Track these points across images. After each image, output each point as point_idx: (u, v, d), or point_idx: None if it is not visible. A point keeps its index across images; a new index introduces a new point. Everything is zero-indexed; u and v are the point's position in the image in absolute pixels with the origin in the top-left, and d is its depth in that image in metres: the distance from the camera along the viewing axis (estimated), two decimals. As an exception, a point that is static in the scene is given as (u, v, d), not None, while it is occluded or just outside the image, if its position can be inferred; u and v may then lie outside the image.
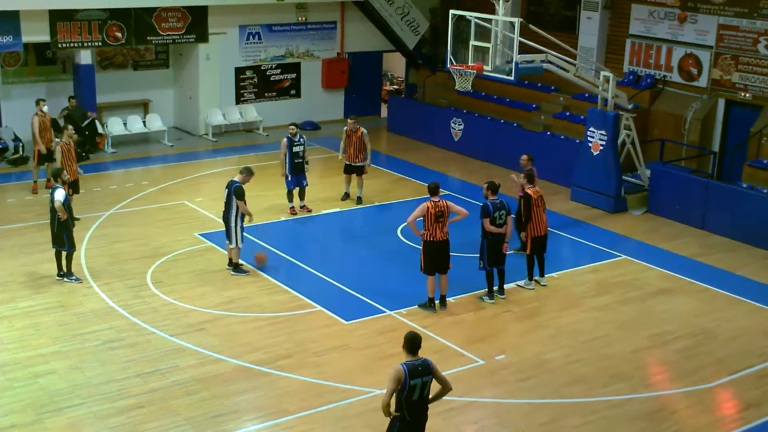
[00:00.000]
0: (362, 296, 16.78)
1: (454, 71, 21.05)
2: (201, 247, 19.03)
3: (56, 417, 12.43)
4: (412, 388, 9.98)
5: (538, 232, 17.07)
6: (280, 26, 29.62)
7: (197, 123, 28.65)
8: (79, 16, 25.20)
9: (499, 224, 16.14)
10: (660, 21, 24.93)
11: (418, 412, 10.18)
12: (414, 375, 9.96)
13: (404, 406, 10.06)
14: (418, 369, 10.00)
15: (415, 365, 10.02)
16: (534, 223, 17.02)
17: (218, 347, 14.60)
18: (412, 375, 9.95)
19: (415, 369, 10.00)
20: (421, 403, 10.17)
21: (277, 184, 23.61)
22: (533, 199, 16.97)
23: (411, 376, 9.94)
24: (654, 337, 15.48)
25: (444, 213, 16.01)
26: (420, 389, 10.05)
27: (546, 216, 17.38)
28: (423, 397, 10.15)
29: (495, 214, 16.08)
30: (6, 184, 23.21)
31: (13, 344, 14.50)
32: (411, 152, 27.28)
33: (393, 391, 9.99)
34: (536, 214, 17.04)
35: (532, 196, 16.99)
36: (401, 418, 10.13)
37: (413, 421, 10.18)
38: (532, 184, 17.30)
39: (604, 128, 21.99)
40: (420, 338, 10.24)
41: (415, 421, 10.22)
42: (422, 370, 10.04)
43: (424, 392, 10.15)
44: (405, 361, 10.07)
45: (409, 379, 9.93)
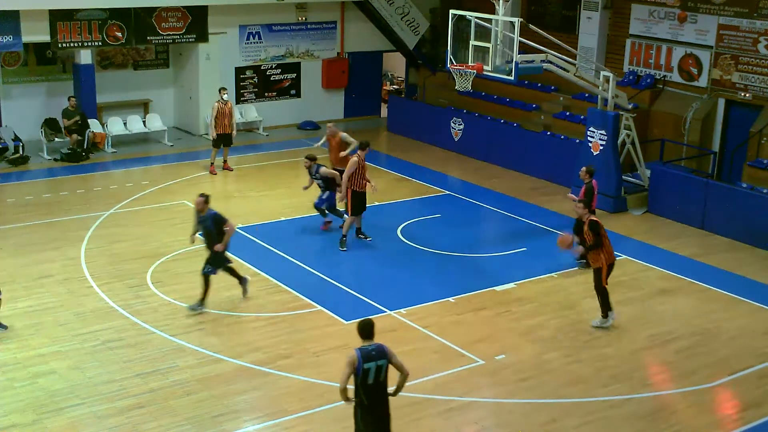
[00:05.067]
0: (362, 296, 16.78)
1: (454, 71, 21.04)
2: (201, 247, 18.96)
3: (56, 417, 12.43)
4: (366, 372, 10.22)
5: (611, 258, 15.42)
6: (280, 26, 29.63)
7: (197, 123, 28.65)
8: (79, 15, 25.20)
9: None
10: (660, 21, 24.93)
11: (375, 396, 10.41)
12: (367, 359, 10.22)
13: (361, 391, 10.33)
14: (371, 353, 10.26)
15: (368, 350, 10.29)
16: (607, 249, 15.33)
17: (218, 347, 14.60)
18: (366, 359, 10.21)
19: (368, 353, 10.26)
20: (378, 387, 10.37)
21: (278, 184, 23.65)
22: (601, 225, 15.37)
23: (364, 360, 10.20)
24: (654, 337, 15.48)
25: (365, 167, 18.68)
26: (375, 373, 10.28)
27: None
28: (379, 381, 10.37)
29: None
30: (6, 184, 23.21)
31: (13, 344, 14.50)
32: (411, 152, 27.28)
33: (347, 376, 10.25)
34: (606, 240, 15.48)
35: (599, 222, 15.39)
36: (359, 403, 10.41)
37: (372, 405, 10.42)
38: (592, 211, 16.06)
39: (604, 128, 21.99)
40: (372, 324, 10.53)
41: (374, 406, 10.44)
42: (376, 355, 10.28)
43: (380, 376, 10.35)
44: (360, 347, 10.34)
45: (363, 363, 10.18)
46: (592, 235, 15.18)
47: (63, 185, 23.08)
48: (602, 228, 15.27)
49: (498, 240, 20.45)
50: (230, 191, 22.63)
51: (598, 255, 15.27)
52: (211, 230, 15.80)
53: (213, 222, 15.74)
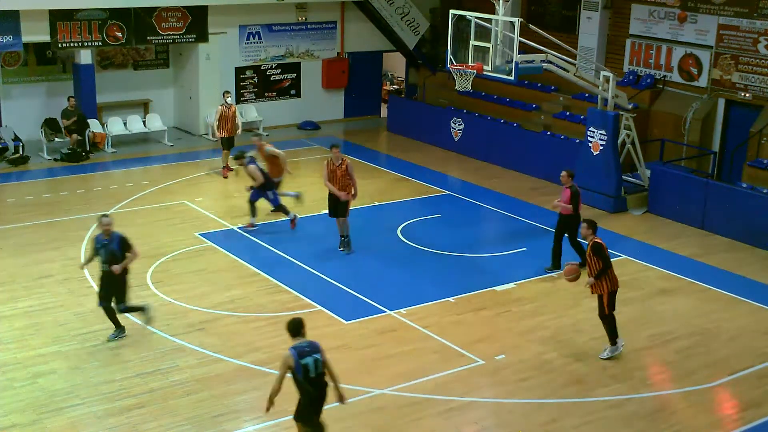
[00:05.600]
0: (362, 296, 16.78)
1: (454, 71, 21.04)
2: (201, 246, 19.03)
3: (56, 417, 12.43)
4: (305, 367, 10.60)
5: (615, 285, 14.45)
6: (280, 26, 29.63)
7: (197, 123, 28.65)
8: (79, 15, 25.20)
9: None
10: (660, 21, 24.92)
11: (320, 386, 10.83)
12: (303, 355, 10.60)
13: (306, 384, 10.68)
14: (305, 350, 10.65)
15: (302, 347, 10.67)
16: (611, 274, 14.34)
17: (218, 347, 14.60)
18: (301, 355, 10.59)
19: (303, 350, 10.64)
20: (320, 378, 10.78)
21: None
22: (605, 246, 14.43)
23: (300, 356, 10.58)
24: (654, 337, 15.48)
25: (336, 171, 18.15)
26: (314, 366, 10.67)
27: None
28: (319, 373, 10.76)
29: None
30: (6, 184, 23.21)
31: (13, 344, 14.50)
32: (411, 152, 27.27)
33: (283, 376, 10.62)
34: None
35: (603, 244, 14.39)
36: (306, 393, 10.75)
37: (320, 395, 10.88)
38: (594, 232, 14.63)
39: (604, 128, 21.98)
40: (300, 322, 10.85)
41: (321, 395, 10.90)
42: (310, 350, 10.68)
43: (319, 369, 10.73)
44: (292, 345, 10.68)
45: (299, 359, 10.56)
46: (598, 260, 14.20)
47: (63, 185, 23.08)
48: (606, 250, 14.33)
49: (498, 240, 20.45)
50: (230, 191, 22.62)
51: (601, 281, 14.29)
52: (116, 254, 14.38)
53: (119, 245, 14.42)
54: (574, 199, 17.61)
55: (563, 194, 17.81)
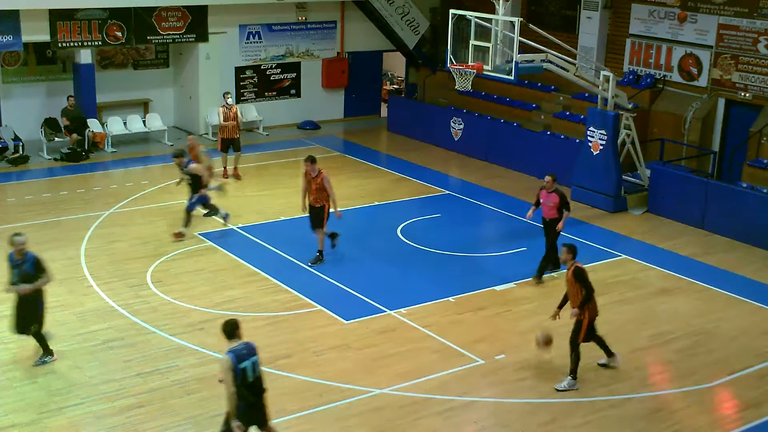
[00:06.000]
0: (362, 296, 16.78)
1: (454, 71, 21.04)
2: (201, 246, 19.03)
3: (56, 416, 12.43)
4: (244, 371, 10.47)
5: (595, 312, 13.85)
6: (280, 26, 29.63)
7: (197, 122, 28.65)
8: (79, 15, 25.20)
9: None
10: (660, 21, 24.92)
11: (257, 392, 10.72)
12: (241, 359, 10.47)
13: (244, 389, 10.52)
14: (243, 353, 10.52)
15: (239, 350, 10.52)
16: (593, 301, 13.76)
17: (218, 347, 14.53)
18: (240, 359, 10.46)
19: (240, 353, 10.50)
20: (257, 381, 10.69)
21: (278, 183, 23.67)
22: (586, 272, 13.73)
23: (239, 360, 10.44)
24: (654, 337, 15.48)
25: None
26: (251, 370, 10.56)
27: None
28: (257, 377, 10.67)
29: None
30: (6, 184, 23.21)
31: (13, 343, 14.49)
32: (411, 152, 27.27)
33: (232, 379, 10.44)
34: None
35: (584, 269, 13.73)
36: (244, 399, 10.55)
37: (256, 402, 10.75)
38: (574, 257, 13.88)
39: (604, 128, 21.99)
40: (235, 323, 10.72)
41: (258, 402, 10.75)
42: (247, 353, 10.56)
43: (256, 372, 10.64)
44: (229, 349, 10.52)
45: (238, 364, 10.41)
46: (580, 287, 13.52)
47: (63, 185, 23.08)
48: (587, 275, 13.63)
49: (498, 240, 20.44)
50: (230, 191, 22.60)
51: (584, 307, 13.70)
52: (30, 275, 13.66)
53: (33, 266, 13.70)
54: (564, 201, 17.42)
55: (549, 199, 17.46)
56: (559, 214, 17.46)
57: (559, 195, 17.40)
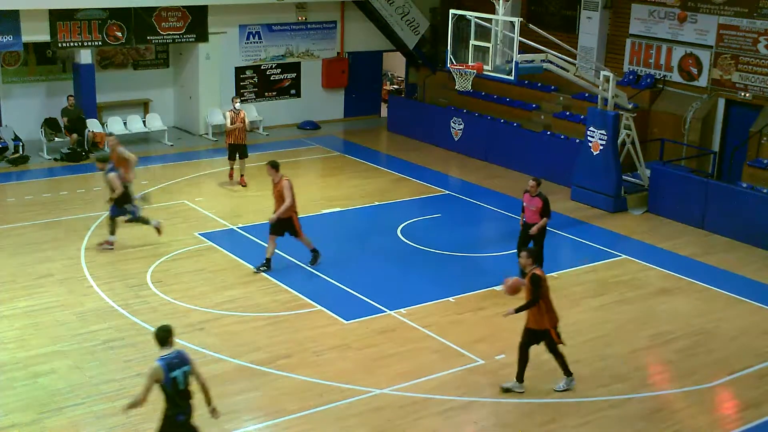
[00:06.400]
0: (362, 296, 16.78)
1: (454, 71, 21.04)
2: (201, 246, 19.03)
3: (56, 417, 12.42)
4: (174, 380, 10.22)
5: (555, 319, 13.50)
6: (280, 26, 29.63)
7: (197, 122, 28.66)
8: (79, 15, 25.21)
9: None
10: (660, 21, 24.93)
11: (187, 402, 10.47)
12: (172, 368, 10.21)
13: (176, 398, 10.30)
14: (174, 361, 10.26)
15: (171, 358, 10.26)
16: (549, 308, 13.39)
17: (218, 347, 14.60)
18: (171, 368, 10.20)
19: (172, 362, 10.24)
20: (187, 392, 10.44)
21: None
22: (544, 279, 13.30)
23: (170, 369, 10.19)
24: (654, 337, 15.48)
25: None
26: (183, 379, 10.32)
27: None
28: (187, 386, 10.42)
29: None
30: (6, 184, 23.21)
31: (13, 344, 14.49)
32: (411, 152, 27.28)
33: (149, 388, 10.19)
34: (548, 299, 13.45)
35: (543, 276, 13.30)
36: (178, 407, 10.36)
37: (187, 409, 10.48)
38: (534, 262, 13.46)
39: (604, 128, 21.99)
40: (168, 330, 10.44)
41: (189, 409, 10.52)
42: (179, 362, 10.30)
43: (188, 381, 10.40)
44: (160, 357, 10.26)
45: (169, 372, 10.16)
46: (532, 291, 13.15)
47: (63, 185, 23.08)
48: (545, 282, 13.23)
49: (498, 240, 20.42)
50: (230, 191, 22.60)
51: (542, 316, 13.21)
52: None
53: None
54: (547, 207, 17.05)
55: (533, 204, 17.08)
56: (541, 218, 17.12)
57: (542, 199, 17.04)
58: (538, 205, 17.03)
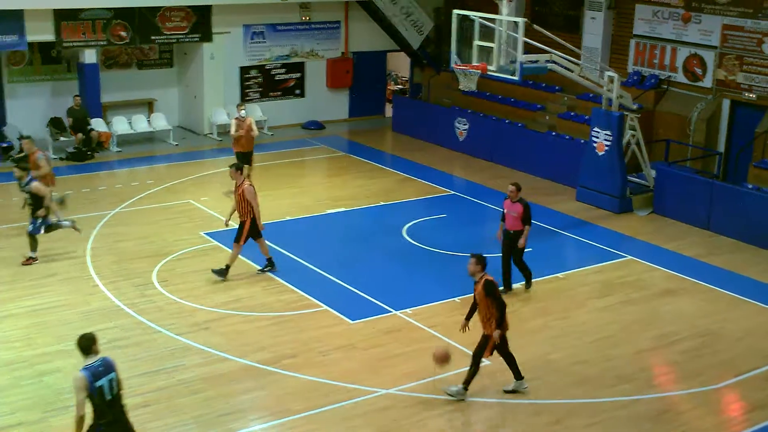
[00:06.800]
0: (368, 296, 16.78)
1: (459, 71, 21.04)
2: (206, 246, 19.04)
3: (62, 415, 12.41)
4: (100, 390, 9.84)
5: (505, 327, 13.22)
6: (285, 26, 29.64)
7: (201, 122, 28.67)
8: (84, 15, 25.25)
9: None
10: (664, 21, 24.90)
11: (117, 410, 10.08)
12: (97, 376, 9.83)
13: (105, 409, 9.92)
14: (99, 370, 9.87)
15: (95, 367, 9.88)
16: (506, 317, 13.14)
17: (224, 346, 14.60)
18: (96, 377, 9.81)
19: (96, 371, 9.85)
20: (116, 400, 10.05)
21: (282, 183, 23.68)
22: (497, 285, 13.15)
23: (94, 378, 9.79)
24: (659, 338, 15.47)
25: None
26: (109, 388, 9.92)
27: None
28: (114, 394, 10.05)
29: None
30: (11, 183, 23.16)
31: (19, 342, 14.51)
32: (415, 152, 27.27)
33: (84, 400, 9.79)
34: None
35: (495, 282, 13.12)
36: (104, 416, 9.95)
37: (116, 420, 10.08)
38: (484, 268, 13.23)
39: (609, 128, 21.98)
40: (92, 338, 10.01)
41: (118, 419, 10.12)
42: (104, 370, 9.92)
43: (114, 389, 10.02)
44: (84, 366, 9.87)
45: (94, 382, 9.77)
46: (491, 301, 12.87)
47: (68, 184, 23.08)
48: (498, 289, 13.10)
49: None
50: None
51: (492, 322, 13.03)
52: None
53: None
54: (528, 213, 16.69)
55: (513, 209, 16.72)
56: (523, 225, 16.76)
57: (523, 205, 16.65)
58: (519, 211, 16.63)
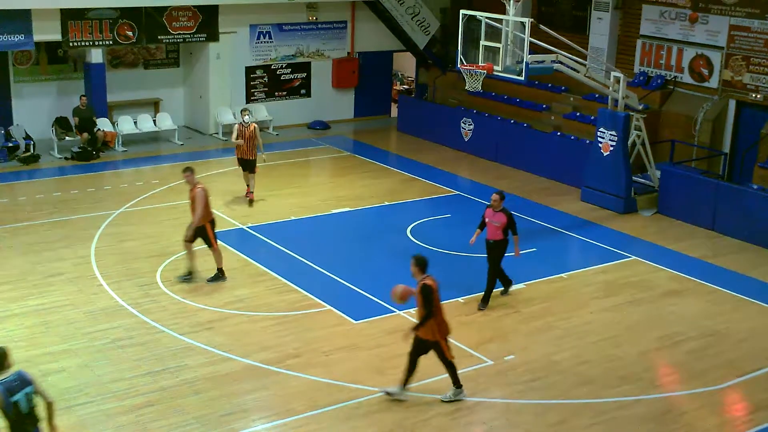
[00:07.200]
0: (371, 296, 16.78)
1: (465, 71, 21.03)
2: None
3: (66, 415, 12.42)
4: (16, 405, 9.57)
5: (447, 330, 12.97)
6: (291, 26, 29.65)
7: (207, 122, 28.70)
8: (91, 14, 25.28)
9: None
10: (671, 21, 24.87)
11: (33, 424, 9.83)
12: (13, 391, 9.56)
13: (20, 422, 9.67)
14: (14, 384, 9.59)
15: (10, 381, 9.60)
16: (439, 320, 12.83)
17: (227, 346, 14.61)
18: (11, 392, 9.54)
19: (11, 385, 9.57)
20: (32, 413, 9.78)
21: (287, 183, 23.69)
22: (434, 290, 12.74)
23: (9, 393, 9.52)
24: (663, 339, 15.44)
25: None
26: (26, 402, 9.67)
27: None
28: (32, 408, 9.78)
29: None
30: (17, 183, 23.27)
31: (23, 342, 14.52)
32: (421, 152, 27.27)
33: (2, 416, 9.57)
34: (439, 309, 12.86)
35: (433, 286, 12.76)
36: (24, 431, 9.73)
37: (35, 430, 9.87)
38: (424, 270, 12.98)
39: (615, 129, 21.96)
40: (3, 352, 9.68)
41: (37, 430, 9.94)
42: (19, 384, 9.65)
43: (31, 403, 9.76)
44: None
45: (9, 397, 9.50)
46: (424, 302, 12.63)
47: (73, 184, 23.14)
48: (436, 294, 12.73)
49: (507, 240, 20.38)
50: (239, 191, 22.60)
51: (433, 326, 12.71)
52: None
53: None
54: (512, 222, 16.08)
55: (496, 219, 16.12)
56: (504, 236, 16.16)
57: (506, 215, 16.09)
58: (502, 221, 16.07)
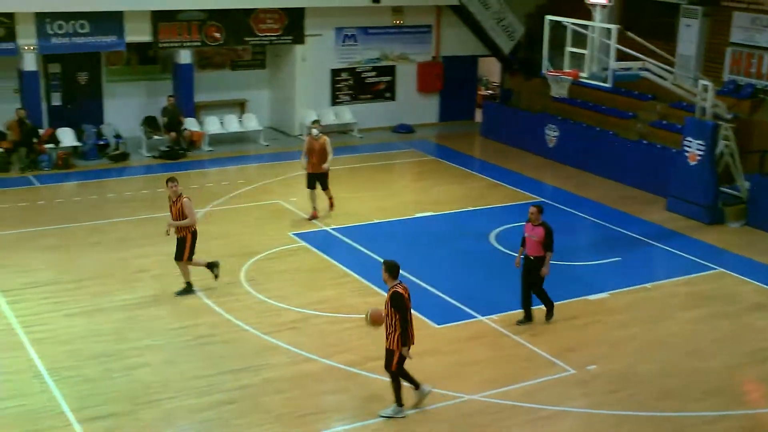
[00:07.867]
0: (454, 301, 16.75)
1: (550, 77, 20.89)
2: (294, 246, 19.21)
3: (151, 409, 12.66)
4: None
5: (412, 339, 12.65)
6: (376, 29, 29.78)
7: (292, 123, 28.96)
8: (180, 16, 25.71)
9: None
10: (763, 29, 24.36)
11: None
12: None
13: None
14: None
15: None
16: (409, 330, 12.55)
17: (309, 346, 14.71)
18: None
19: None
20: None
21: (371, 186, 23.75)
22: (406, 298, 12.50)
23: None
24: (749, 354, 15.11)
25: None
26: None
27: None
28: None
29: None
30: (106, 180, 23.75)
31: (110, 336, 14.84)
32: (505, 158, 27.14)
33: None
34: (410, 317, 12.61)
35: (404, 294, 12.48)
36: None
37: None
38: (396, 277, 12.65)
39: (702, 138, 21.60)
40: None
41: None
42: None
43: None
44: None
45: None
46: (395, 312, 12.30)
47: (160, 182, 23.29)
48: (407, 301, 12.48)
49: (591, 249, 20.21)
50: (321, 193, 22.75)
51: (392, 334, 12.46)
52: None
53: None
54: (550, 238, 15.53)
55: (535, 233, 15.61)
56: (544, 251, 15.60)
57: (545, 229, 15.57)
58: (540, 236, 15.55)
